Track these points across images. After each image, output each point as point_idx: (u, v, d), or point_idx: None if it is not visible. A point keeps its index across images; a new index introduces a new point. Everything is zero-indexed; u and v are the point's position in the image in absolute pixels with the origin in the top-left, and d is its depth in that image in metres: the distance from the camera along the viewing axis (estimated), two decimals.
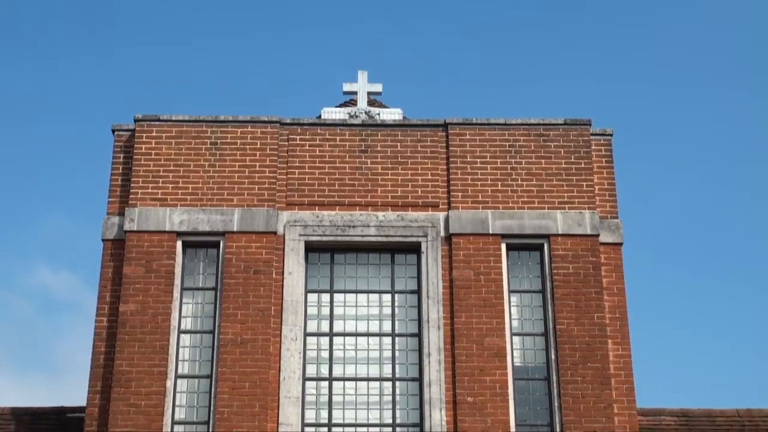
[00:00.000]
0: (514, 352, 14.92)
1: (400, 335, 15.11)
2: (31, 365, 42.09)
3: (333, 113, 17.65)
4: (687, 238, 41.94)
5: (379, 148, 15.87)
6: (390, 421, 14.64)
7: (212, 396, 14.53)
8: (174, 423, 14.47)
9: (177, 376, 14.71)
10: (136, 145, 15.78)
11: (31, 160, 43.17)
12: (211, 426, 14.35)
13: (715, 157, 42.67)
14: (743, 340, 38.92)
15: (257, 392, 14.43)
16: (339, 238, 15.40)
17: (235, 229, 15.27)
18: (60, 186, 43.03)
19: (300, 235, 15.34)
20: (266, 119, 15.93)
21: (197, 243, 15.39)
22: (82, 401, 14.97)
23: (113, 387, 14.46)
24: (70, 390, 41.18)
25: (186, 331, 15.01)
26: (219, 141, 15.79)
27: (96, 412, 14.56)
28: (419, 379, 14.76)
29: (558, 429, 14.41)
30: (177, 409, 14.57)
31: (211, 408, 14.46)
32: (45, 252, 42.86)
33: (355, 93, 18.12)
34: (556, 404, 14.54)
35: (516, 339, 15.02)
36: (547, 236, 15.36)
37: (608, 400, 14.51)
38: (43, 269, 43.53)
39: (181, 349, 14.88)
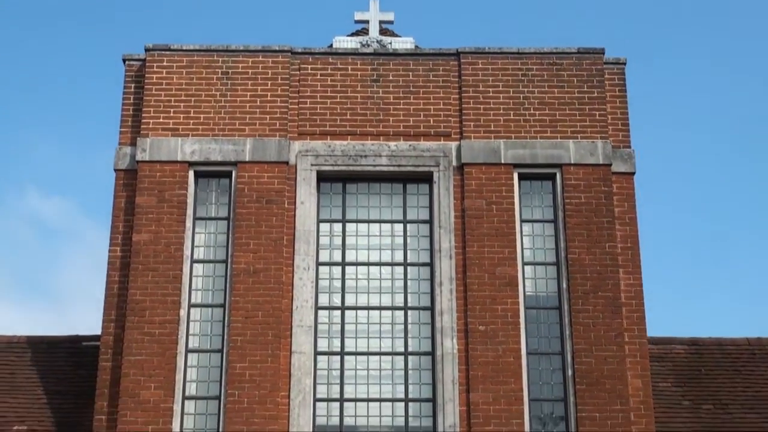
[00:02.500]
0: (526, 281, 14.98)
1: (412, 265, 15.17)
2: (32, 293, 42.36)
3: (344, 42, 17.55)
4: (699, 168, 41.82)
5: (391, 78, 15.80)
6: (402, 349, 14.75)
7: (225, 325, 14.64)
8: (188, 351, 14.61)
9: (190, 305, 14.82)
10: (146, 75, 15.74)
11: (31, 85, 42.93)
12: (224, 354, 14.49)
13: (730, 86, 42.39)
14: (755, 270, 38.97)
15: (270, 321, 14.54)
16: (351, 168, 15.40)
17: (247, 159, 15.28)
18: (53, 112, 42.85)
19: (312, 164, 15.34)
20: (277, 48, 15.85)
21: (209, 173, 15.41)
22: (86, 330, 15.11)
23: (127, 316, 14.59)
24: (74, 319, 41.44)
25: (199, 261, 15.09)
26: (230, 70, 15.73)
27: (110, 341, 14.70)
28: (431, 308, 14.84)
29: (569, 357, 14.51)
30: (191, 338, 14.69)
31: (225, 336, 14.59)
32: (36, 178, 42.77)
33: (367, 22, 17.99)
34: (567, 333, 14.62)
35: (528, 268, 15.06)
36: (559, 166, 15.34)
37: (619, 328, 14.58)
38: (33, 195, 43.52)
39: (194, 279, 14.97)
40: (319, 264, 15.10)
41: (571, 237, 15.00)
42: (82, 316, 40.75)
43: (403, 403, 14.50)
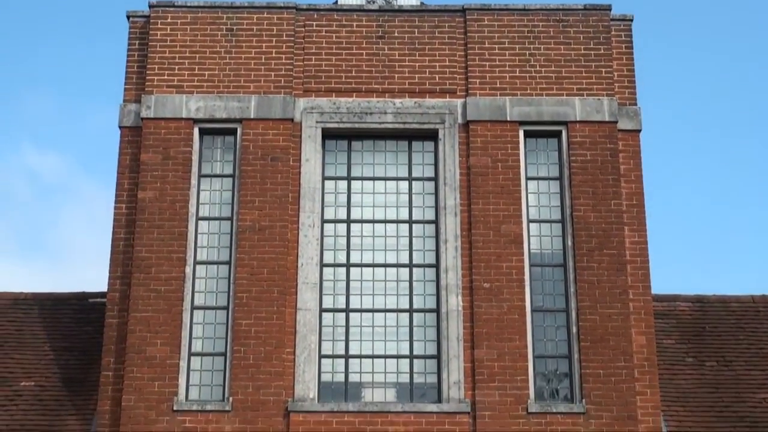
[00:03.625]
0: (531, 238, 15.00)
1: (417, 222, 15.18)
2: (32, 250, 42.38)
3: None
4: (706, 126, 41.70)
5: (396, 35, 15.73)
6: (407, 306, 14.79)
7: (231, 282, 14.69)
8: (194, 308, 14.67)
9: (196, 262, 14.86)
10: (151, 32, 15.68)
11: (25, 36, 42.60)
12: (230, 311, 14.55)
13: (737, 43, 42.17)
14: (760, 227, 38.97)
15: (275, 278, 14.59)
16: (356, 125, 15.37)
17: (252, 116, 15.26)
18: (49, 68, 42.61)
19: (317, 122, 15.31)
20: (282, 5, 15.78)
21: (214, 130, 15.40)
22: (87, 286, 15.16)
23: (133, 273, 14.63)
24: (74, 275, 41.50)
25: (204, 218, 15.11)
26: (235, 27, 15.67)
27: (117, 297, 14.76)
28: (436, 266, 14.87)
29: (573, 314, 14.55)
30: (196, 295, 14.75)
31: (230, 293, 14.64)
32: (31, 134, 42.55)
33: None
34: (571, 290, 14.66)
35: (533, 226, 15.08)
36: (565, 123, 15.31)
37: (623, 286, 14.61)
38: (28, 150, 43.38)
39: (199, 236, 15.00)
40: (324, 221, 15.12)
41: (577, 194, 15.00)
42: (82, 272, 40.83)
43: (408, 360, 14.57)
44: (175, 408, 14.05)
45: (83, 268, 40.77)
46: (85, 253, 42.74)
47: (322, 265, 14.91)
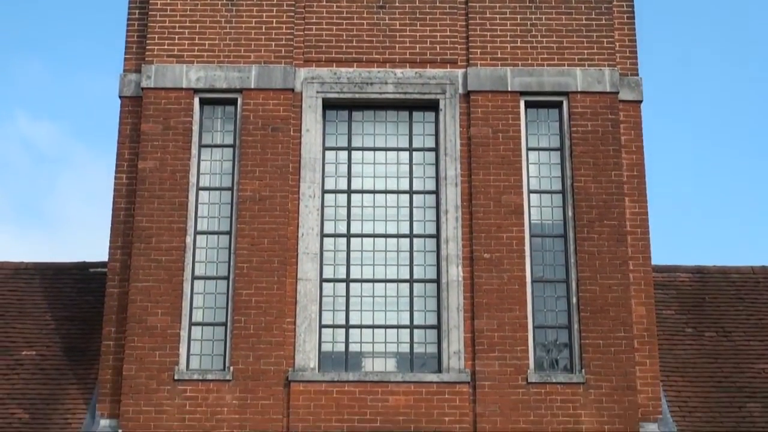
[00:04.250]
0: (531, 209, 15.00)
1: (417, 192, 15.18)
2: (29, 219, 42.34)
3: None
4: (707, 96, 41.60)
5: (397, 4, 15.68)
6: (407, 276, 14.82)
7: (231, 252, 14.71)
8: (194, 278, 14.69)
9: (196, 232, 14.87)
10: (151, 1, 15.62)
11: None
12: (230, 281, 14.57)
13: (740, 13, 41.99)
14: (761, 199, 38.96)
15: (276, 248, 14.61)
16: (357, 96, 15.35)
17: (252, 86, 15.23)
18: (42, 35, 42.37)
19: (318, 92, 15.29)
20: None
21: (214, 100, 15.37)
22: (86, 256, 15.18)
23: (134, 243, 14.65)
24: (72, 245, 41.47)
25: (204, 188, 15.11)
26: None
27: (117, 267, 14.78)
28: (436, 236, 14.89)
29: (573, 285, 14.58)
30: (197, 265, 14.77)
31: (231, 263, 14.66)
32: (25, 102, 42.35)
33: None
34: (572, 261, 14.68)
35: (533, 196, 15.08)
36: (566, 93, 15.28)
37: (624, 257, 14.63)
38: (22, 119, 43.22)
39: (200, 206, 15.01)
40: (324, 191, 15.12)
41: (577, 165, 14.99)
42: (80, 242, 40.81)
43: (408, 330, 14.61)
44: (176, 377, 14.10)
45: (80, 237, 40.77)
46: (82, 222, 42.70)
47: (323, 236, 14.93)
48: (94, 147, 44.31)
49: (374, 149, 15.38)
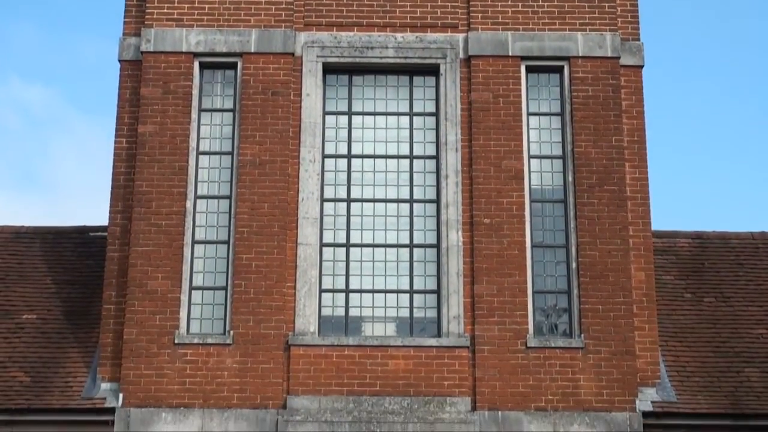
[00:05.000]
0: (532, 174, 14.99)
1: (417, 157, 15.17)
2: (25, 183, 42.21)
3: None
4: (708, 61, 41.48)
5: None
6: (407, 241, 14.83)
7: (231, 216, 14.72)
8: (194, 242, 14.71)
9: (196, 197, 14.87)
10: None
11: None
12: (230, 245, 14.59)
13: None
14: (761, 165, 38.94)
15: (276, 213, 14.61)
16: (357, 60, 15.30)
17: (252, 50, 15.18)
18: None
19: (318, 56, 15.23)
20: None
21: (214, 64, 15.33)
22: (80, 221, 15.18)
23: (134, 207, 14.66)
24: (68, 209, 41.36)
25: (204, 153, 15.09)
26: None
27: (118, 232, 14.79)
28: (436, 201, 14.89)
29: (573, 250, 14.60)
30: (197, 229, 14.78)
31: (231, 228, 14.67)
32: (17, 66, 42.06)
33: None
34: (572, 226, 14.69)
35: (533, 161, 15.06)
36: (567, 58, 15.22)
37: (624, 222, 14.64)
38: (15, 83, 42.95)
39: (199, 170, 15.00)
40: (324, 156, 15.10)
41: (578, 130, 14.97)
42: (76, 206, 40.76)
43: (408, 295, 14.64)
44: (176, 341, 14.15)
45: (76, 201, 40.73)
46: (77, 186, 42.63)
47: (323, 200, 14.93)
48: (86, 111, 44.16)
49: (374, 114, 15.35)
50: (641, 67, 15.37)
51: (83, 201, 40.14)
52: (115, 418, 13.87)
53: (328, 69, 15.33)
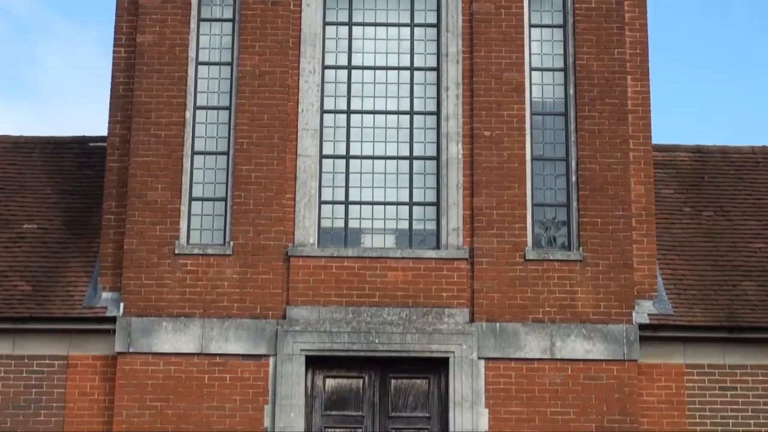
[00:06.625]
0: (533, 86, 14.92)
1: (418, 69, 15.07)
2: (13, 90, 41.80)
3: None
4: None
5: None
6: (407, 153, 14.81)
7: (231, 127, 14.68)
8: (194, 153, 14.69)
9: (196, 107, 14.82)
10: None
11: None
12: (230, 156, 14.58)
13: None
14: (762, 78, 38.72)
15: (276, 124, 14.57)
16: None
17: None
18: None
19: None
20: None
21: None
22: (73, 130, 15.10)
23: (133, 117, 14.61)
24: (58, 118, 41.02)
25: (204, 63, 15.00)
26: None
27: (117, 142, 14.77)
28: (437, 113, 14.84)
29: (573, 163, 14.59)
30: (197, 140, 14.76)
31: (231, 139, 14.65)
32: None
33: None
34: (572, 139, 14.66)
35: (535, 74, 14.98)
36: None
37: (624, 135, 14.61)
38: None
39: (199, 81, 14.92)
40: (324, 67, 15.01)
41: (580, 43, 14.86)
42: (67, 114, 40.45)
43: (407, 207, 14.67)
44: (176, 252, 14.22)
45: (67, 109, 40.40)
46: (67, 94, 42.29)
47: (323, 112, 14.87)
48: (72, 17, 43.57)
49: (375, 25, 15.22)
50: None
51: (74, 109, 39.87)
52: (116, 326, 14.00)
53: None
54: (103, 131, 15.35)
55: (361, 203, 14.66)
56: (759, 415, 14.08)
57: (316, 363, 14.05)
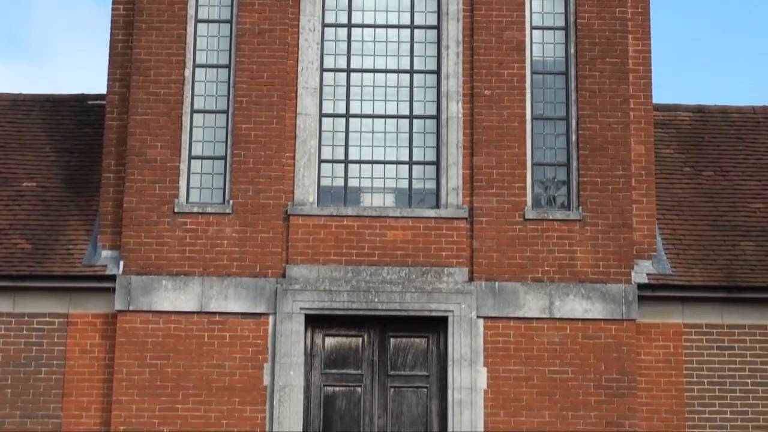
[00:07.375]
0: (533, 45, 14.86)
1: (418, 27, 15.00)
2: (8, 47, 41.56)
3: None
4: None
5: None
6: (407, 112, 14.78)
7: (230, 86, 14.64)
8: (193, 111, 14.66)
9: (195, 65, 14.76)
10: None
11: None
12: (230, 115, 14.55)
13: None
14: (764, 38, 38.57)
15: (275, 82, 14.53)
16: None
17: None
18: None
19: None
20: None
21: None
22: (70, 88, 15.06)
23: (132, 75, 14.56)
24: (58, 77, 40.79)
25: (203, 20, 14.92)
26: None
27: (116, 100, 14.73)
28: (437, 72, 14.79)
29: (573, 123, 14.56)
30: (196, 98, 14.71)
31: (230, 97, 14.61)
32: None
33: None
34: (572, 98, 14.62)
35: (536, 32, 14.91)
36: None
37: (625, 95, 14.57)
38: None
39: (198, 38, 14.86)
40: (324, 25, 14.94)
41: (581, 1, 14.78)
42: (64, 71, 40.24)
43: (407, 166, 14.66)
44: (176, 210, 14.22)
45: (64, 66, 40.15)
46: (65, 53, 42.05)
47: (323, 70, 14.82)
48: None
49: None
50: None
51: (72, 66, 39.65)
52: (116, 285, 14.03)
53: None
54: (102, 89, 15.33)
55: (360, 162, 14.65)
56: (756, 374, 14.15)
57: (315, 321, 14.10)
